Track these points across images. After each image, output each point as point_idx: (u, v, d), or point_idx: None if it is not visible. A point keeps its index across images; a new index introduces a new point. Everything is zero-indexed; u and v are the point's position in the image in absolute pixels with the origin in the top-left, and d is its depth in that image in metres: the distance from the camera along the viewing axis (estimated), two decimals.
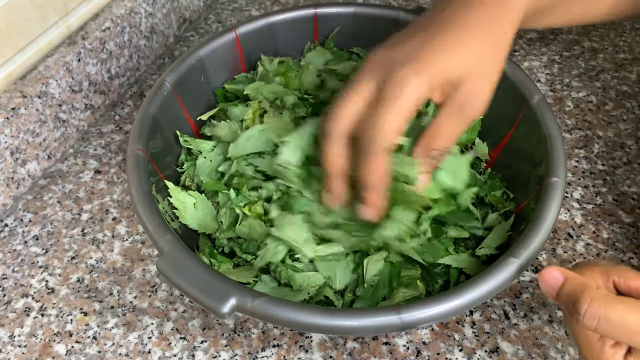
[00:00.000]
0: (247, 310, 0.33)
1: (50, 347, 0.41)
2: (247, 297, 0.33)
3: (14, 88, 0.49)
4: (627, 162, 0.54)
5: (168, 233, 0.36)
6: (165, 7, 0.64)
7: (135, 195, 0.38)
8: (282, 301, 0.33)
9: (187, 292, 0.33)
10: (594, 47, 0.66)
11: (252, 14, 0.72)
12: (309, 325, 0.32)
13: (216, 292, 0.33)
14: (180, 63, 0.47)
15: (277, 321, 0.33)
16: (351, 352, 0.41)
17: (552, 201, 0.38)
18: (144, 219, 0.37)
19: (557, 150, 0.40)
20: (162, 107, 0.45)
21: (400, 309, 0.32)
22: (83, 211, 0.50)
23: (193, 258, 0.35)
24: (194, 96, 0.49)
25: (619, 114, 0.58)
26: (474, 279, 0.34)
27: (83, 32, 0.55)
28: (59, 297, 0.44)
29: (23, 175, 0.50)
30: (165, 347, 0.41)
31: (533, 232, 0.36)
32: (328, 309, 0.33)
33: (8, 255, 0.47)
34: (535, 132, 0.43)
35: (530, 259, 0.35)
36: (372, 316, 0.32)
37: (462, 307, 0.33)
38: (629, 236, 0.48)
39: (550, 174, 0.39)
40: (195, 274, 0.34)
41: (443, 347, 0.41)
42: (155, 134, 0.43)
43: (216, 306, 0.32)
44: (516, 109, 0.45)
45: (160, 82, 0.45)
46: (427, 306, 0.33)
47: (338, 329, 0.33)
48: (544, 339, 0.42)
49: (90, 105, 0.57)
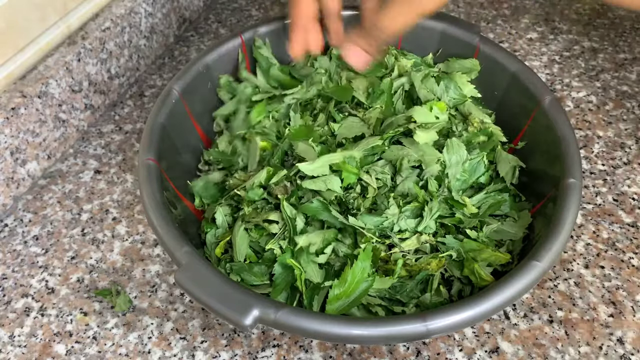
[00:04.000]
0: (269, 322, 0.32)
1: (50, 347, 0.41)
2: (270, 309, 0.32)
3: (14, 88, 0.49)
4: (627, 162, 0.54)
5: (185, 245, 0.35)
6: (165, 7, 0.64)
7: (149, 206, 0.37)
8: (305, 312, 0.32)
9: (208, 305, 0.32)
10: (594, 47, 0.66)
11: (252, 14, 0.72)
12: (334, 335, 0.32)
13: (238, 304, 0.32)
14: (187, 70, 0.47)
15: (301, 332, 0.32)
16: (351, 352, 0.41)
17: (570, 203, 0.37)
18: (160, 231, 0.36)
19: (572, 152, 0.40)
20: (171, 116, 0.44)
21: (426, 316, 0.32)
22: (83, 211, 0.50)
23: (212, 270, 0.34)
24: (201, 103, 0.49)
25: (619, 114, 0.58)
26: (498, 284, 0.34)
27: (83, 32, 0.55)
28: (59, 297, 0.44)
29: (23, 175, 0.50)
30: (165, 347, 0.41)
31: (554, 234, 0.36)
32: (352, 318, 0.33)
33: (8, 255, 0.47)
34: (548, 133, 0.43)
35: (552, 261, 0.35)
36: (397, 324, 0.32)
37: (487, 312, 0.33)
38: (629, 236, 0.48)
39: (566, 176, 0.39)
40: (215, 286, 0.33)
41: (443, 347, 0.41)
42: (164, 142, 0.43)
43: (238, 318, 0.32)
44: (527, 110, 0.45)
45: (168, 90, 0.45)
46: (453, 313, 0.32)
47: (363, 338, 0.32)
48: (544, 339, 0.42)
49: (90, 105, 0.57)
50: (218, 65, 0.49)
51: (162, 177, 0.41)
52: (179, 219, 0.40)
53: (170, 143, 0.44)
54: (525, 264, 0.35)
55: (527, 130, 0.46)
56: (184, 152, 0.47)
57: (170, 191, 0.42)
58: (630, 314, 0.43)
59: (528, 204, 0.44)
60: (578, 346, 0.41)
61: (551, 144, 0.42)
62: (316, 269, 0.40)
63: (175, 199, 0.43)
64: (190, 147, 0.48)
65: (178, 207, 0.42)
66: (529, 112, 0.45)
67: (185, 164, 0.48)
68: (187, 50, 0.67)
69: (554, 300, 0.44)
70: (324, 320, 0.32)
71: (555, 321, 0.43)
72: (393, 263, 0.40)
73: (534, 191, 0.44)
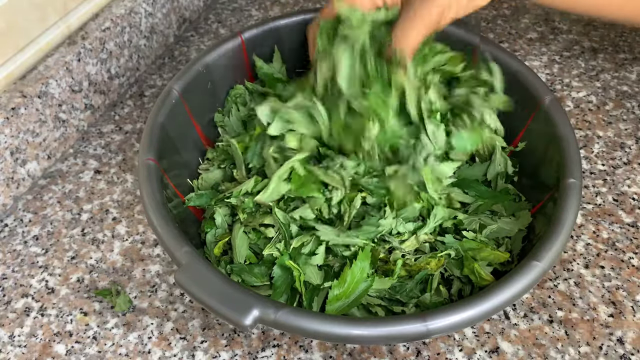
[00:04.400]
0: (269, 322, 0.32)
1: (50, 347, 0.41)
2: (270, 309, 0.32)
3: (14, 88, 0.49)
4: (627, 162, 0.54)
5: (185, 245, 0.35)
6: (165, 7, 0.64)
7: (149, 206, 0.37)
8: (305, 312, 0.33)
9: (209, 305, 0.32)
10: (594, 47, 0.66)
11: (252, 13, 0.72)
12: (334, 335, 0.32)
13: (238, 304, 0.32)
14: (187, 70, 0.47)
15: (301, 332, 0.32)
16: (351, 352, 0.41)
17: (570, 203, 0.37)
18: (160, 231, 0.36)
19: (572, 152, 0.40)
20: (170, 115, 0.44)
21: (426, 317, 0.32)
22: (83, 211, 0.50)
23: (212, 270, 0.34)
24: (201, 103, 0.49)
25: (619, 114, 0.58)
26: (498, 284, 0.34)
27: (83, 32, 0.55)
28: (59, 297, 0.44)
29: (23, 175, 0.51)
30: (165, 347, 0.41)
31: (554, 234, 0.36)
32: (352, 318, 0.33)
33: (8, 255, 0.47)
34: (548, 133, 0.43)
35: (552, 261, 0.35)
36: (397, 325, 0.32)
37: (487, 312, 0.33)
38: (629, 236, 0.48)
39: (566, 176, 0.39)
40: (215, 286, 0.33)
41: (443, 347, 0.41)
42: (164, 142, 0.43)
43: (239, 319, 0.32)
44: (527, 110, 0.45)
45: (168, 90, 0.45)
46: (453, 313, 0.32)
47: (363, 338, 0.32)
48: (544, 339, 0.42)
49: (90, 105, 0.57)
50: (218, 65, 0.49)
51: (162, 177, 0.41)
52: (178, 219, 0.40)
53: (170, 143, 0.44)
54: (525, 264, 0.35)
55: (527, 130, 0.46)
56: (184, 152, 0.47)
57: (170, 191, 0.42)
58: (630, 314, 0.43)
59: (528, 204, 0.44)
60: (578, 346, 0.41)
61: (551, 144, 0.42)
62: (315, 271, 0.40)
63: (175, 198, 0.43)
64: (190, 146, 0.48)
65: (178, 207, 0.42)
66: (529, 112, 0.45)
67: (185, 163, 0.47)
68: (187, 50, 0.67)
69: (554, 300, 0.44)
70: (324, 320, 0.32)
71: (555, 321, 0.43)
72: (392, 263, 0.40)
73: (534, 191, 0.44)
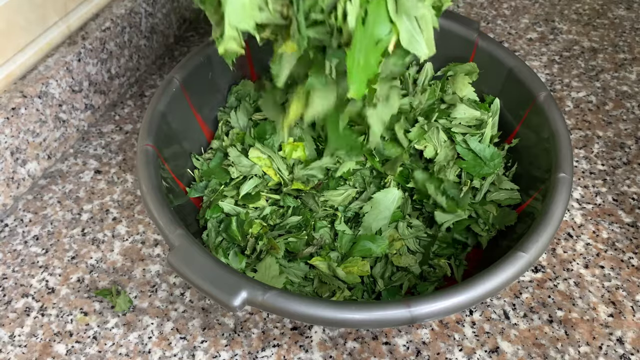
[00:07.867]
0: (257, 303, 0.33)
1: (50, 347, 0.41)
2: (258, 291, 0.33)
3: (14, 88, 0.49)
4: (627, 162, 0.54)
5: (179, 227, 0.36)
6: (165, 7, 0.64)
7: (146, 189, 0.38)
8: (293, 294, 0.33)
9: (198, 285, 0.33)
10: (594, 47, 0.66)
11: None
12: (319, 318, 0.33)
13: (227, 285, 0.33)
14: (188, 60, 0.47)
15: (288, 314, 0.33)
16: (351, 352, 0.41)
17: (559, 197, 0.38)
18: (155, 213, 0.37)
19: (564, 147, 0.41)
20: (171, 104, 0.45)
21: (410, 303, 0.33)
22: (83, 211, 0.50)
23: (204, 252, 0.35)
24: (202, 93, 0.50)
25: (619, 114, 0.58)
26: (483, 273, 0.34)
27: (83, 32, 0.55)
28: (59, 297, 0.44)
29: (23, 175, 0.51)
30: (165, 347, 0.41)
31: (541, 227, 0.36)
32: (338, 302, 0.33)
33: (8, 255, 0.47)
34: (542, 128, 0.43)
35: (538, 254, 0.35)
36: (381, 309, 0.33)
37: (471, 300, 0.33)
38: (629, 236, 0.48)
39: (557, 170, 0.39)
40: (206, 268, 0.34)
41: (443, 347, 0.41)
42: (163, 130, 0.44)
43: (227, 299, 0.33)
44: (522, 105, 0.46)
45: (169, 78, 0.46)
46: (436, 300, 0.33)
47: (347, 322, 0.33)
48: (544, 339, 0.42)
49: (90, 105, 0.57)
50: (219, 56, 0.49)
51: (160, 163, 0.42)
52: (176, 205, 0.41)
53: (170, 131, 0.45)
54: (511, 255, 0.35)
55: (522, 124, 0.46)
56: (184, 141, 0.48)
57: (169, 178, 0.43)
58: (630, 313, 0.43)
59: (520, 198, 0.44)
60: (578, 346, 0.41)
61: (544, 138, 0.42)
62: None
63: (174, 185, 0.43)
64: (190, 136, 0.49)
65: (176, 194, 0.43)
66: (524, 107, 0.46)
67: (185, 152, 0.48)
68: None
69: (553, 300, 0.44)
70: (311, 303, 0.33)
71: (555, 321, 0.43)
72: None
73: (527, 185, 0.44)
